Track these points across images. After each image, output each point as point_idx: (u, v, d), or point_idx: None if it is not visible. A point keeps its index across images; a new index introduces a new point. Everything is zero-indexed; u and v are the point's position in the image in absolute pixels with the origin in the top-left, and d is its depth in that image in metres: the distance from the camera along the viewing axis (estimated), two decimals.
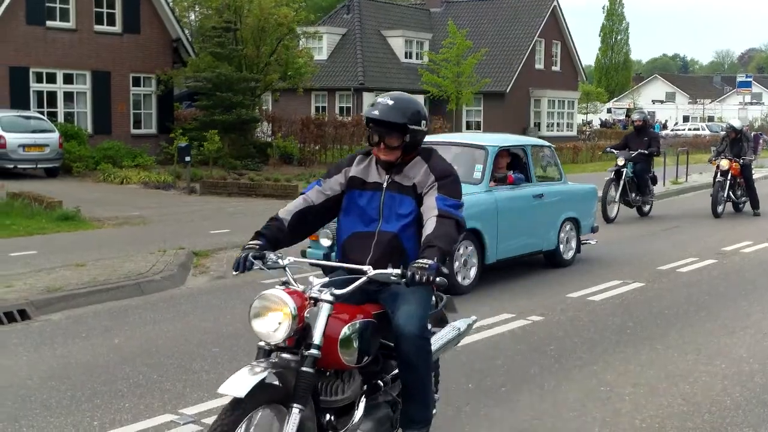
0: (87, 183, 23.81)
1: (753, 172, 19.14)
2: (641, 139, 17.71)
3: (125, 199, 19.91)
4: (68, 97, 29.68)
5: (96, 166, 25.73)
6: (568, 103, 52.84)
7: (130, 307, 9.44)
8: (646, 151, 17.45)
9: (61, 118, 28.72)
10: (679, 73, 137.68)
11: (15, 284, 9.89)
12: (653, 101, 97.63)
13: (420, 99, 44.87)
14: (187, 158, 22.32)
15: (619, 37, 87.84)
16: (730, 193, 18.41)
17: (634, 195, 17.51)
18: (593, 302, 9.73)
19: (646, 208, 18.13)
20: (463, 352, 7.56)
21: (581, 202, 12.58)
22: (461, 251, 10.01)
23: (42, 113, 27.42)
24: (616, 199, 17.27)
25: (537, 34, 49.27)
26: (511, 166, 11.55)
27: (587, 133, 60.15)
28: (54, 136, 24.79)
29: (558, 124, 51.65)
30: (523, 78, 48.12)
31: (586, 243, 12.61)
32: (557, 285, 10.72)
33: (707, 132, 65.00)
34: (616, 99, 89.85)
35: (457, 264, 9.95)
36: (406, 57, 48.12)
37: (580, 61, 54.94)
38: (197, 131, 28.12)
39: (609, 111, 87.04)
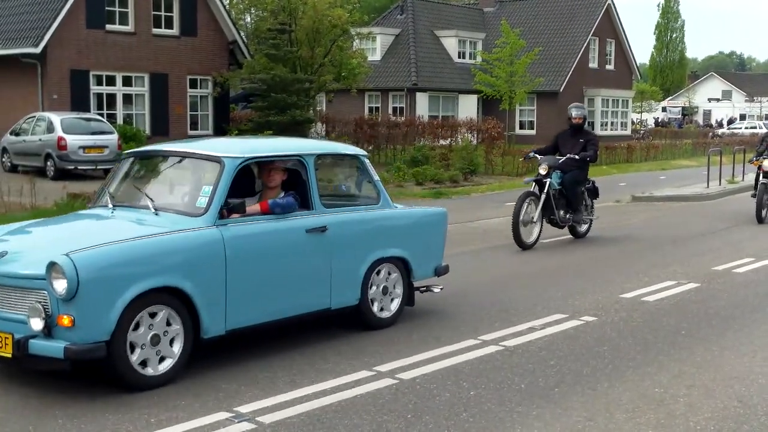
0: None
1: None
2: (576, 140, 14.05)
3: None
4: (127, 99, 30.16)
5: None
6: (622, 102, 52.31)
7: None
8: (577, 156, 13.77)
9: (120, 120, 29.19)
10: (735, 70, 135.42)
11: None
12: (709, 99, 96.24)
13: (473, 99, 44.78)
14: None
15: (674, 35, 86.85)
16: None
17: (562, 212, 13.84)
18: (647, 303, 9.61)
19: (582, 228, 14.53)
20: (516, 352, 7.53)
21: (417, 235, 8.86)
22: (155, 324, 6.54)
23: (102, 115, 27.89)
24: (535, 218, 13.45)
25: (591, 33, 48.87)
26: (290, 184, 7.98)
27: (641, 132, 59.49)
28: (113, 138, 25.14)
29: (612, 124, 51.16)
30: (577, 77, 47.75)
31: (426, 291, 9.17)
32: (611, 285, 10.61)
33: (765, 130, 63.85)
34: (671, 98, 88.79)
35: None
36: (459, 57, 48.01)
37: (634, 60, 54.36)
38: (252, 132, 28.35)
39: (664, 110, 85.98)
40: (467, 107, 45.27)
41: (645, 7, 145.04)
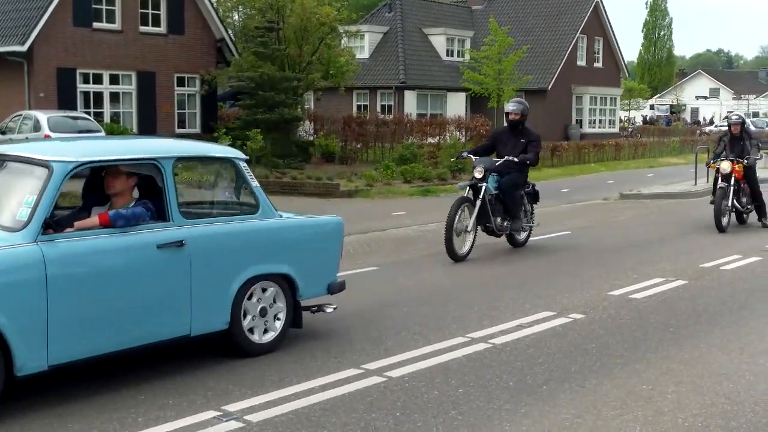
0: None
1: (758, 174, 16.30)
2: (516, 140, 12.76)
3: None
4: (114, 97, 30.08)
5: None
6: (611, 100, 52.41)
7: None
8: (516, 159, 12.44)
9: (107, 119, 29.11)
10: (723, 68, 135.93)
11: None
12: (697, 97, 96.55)
13: (461, 97, 44.81)
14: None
15: (662, 33, 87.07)
16: (735, 201, 15.27)
17: (499, 220, 12.56)
18: (635, 300, 9.64)
19: (521, 236, 13.31)
20: (504, 350, 7.54)
21: (305, 248, 7.80)
22: None
23: (88, 113, 27.80)
24: (470, 227, 12.17)
25: (579, 31, 48.96)
26: (146, 192, 7.02)
27: (630, 129, 59.64)
28: (100, 136, 25.04)
29: (600, 121, 51.25)
30: (565, 75, 47.82)
31: (318, 311, 8.10)
32: (599, 282, 10.63)
33: (752, 128, 64.01)
34: (659, 95, 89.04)
35: None
36: (447, 55, 48.02)
37: (622, 57, 54.48)
38: (240, 130, 28.33)
39: (652, 108, 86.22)
40: (455, 105, 45.28)
41: (633, 5, 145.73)
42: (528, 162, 12.60)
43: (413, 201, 21.37)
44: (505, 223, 12.63)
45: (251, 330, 7.35)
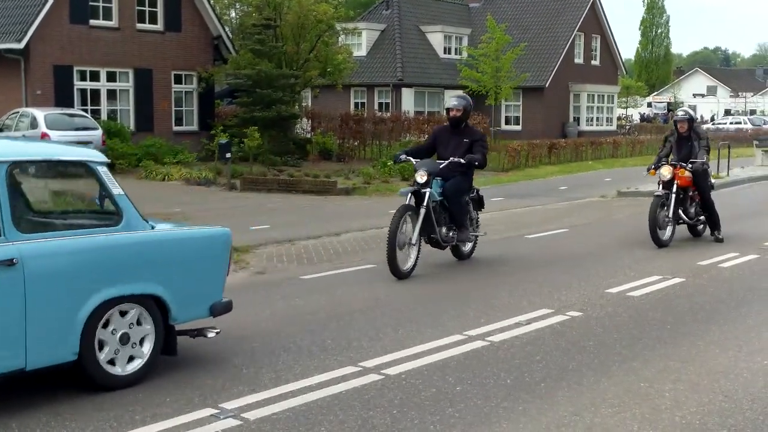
0: (130, 180, 24.00)
1: (712, 180, 14.25)
2: (459, 140, 11.44)
3: (167, 196, 20.07)
4: (111, 94, 30.00)
5: (138, 163, 26.00)
6: (608, 98, 52.41)
7: None
8: (462, 160, 11.19)
9: (104, 116, 29.05)
10: (720, 66, 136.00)
11: None
12: (694, 95, 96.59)
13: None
14: (228, 155, 22.50)
15: (659, 31, 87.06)
16: (680, 211, 13.35)
17: (444, 230, 11.24)
18: (633, 297, 9.64)
19: (467, 247, 12.06)
20: (501, 347, 7.54)
21: (180, 265, 6.83)
22: None
23: (86, 111, 27.75)
24: (413, 239, 10.72)
25: (576, 28, 48.94)
26: None
27: (627, 127, 59.66)
28: (97, 134, 25.05)
29: (598, 119, 51.25)
30: (563, 72, 47.80)
31: (198, 335, 7.07)
32: (596, 280, 10.63)
33: (749, 126, 64.12)
34: (656, 93, 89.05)
35: None
36: (445, 52, 48.02)
37: (619, 55, 54.47)
38: (238, 128, 28.31)
39: (649, 105, 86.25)
40: None
41: (630, 3, 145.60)
42: (476, 163, 11.24)
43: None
44: (451, 233, 11.31)
45: (112, 361, 6.38)
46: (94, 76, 29.38)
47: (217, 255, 7.11)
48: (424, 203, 10.75)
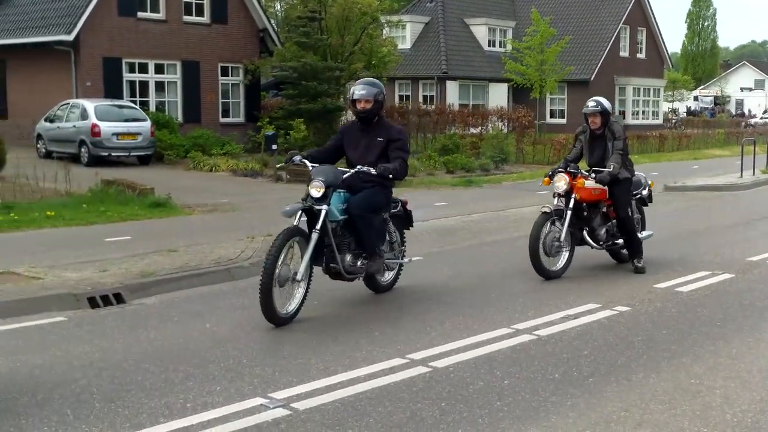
0: (177, 170, 24.25)
1: (636, 192, 11.29)
2: (371, 139, 8.86)
3: (214, 187, 20.21)
4: (159, 86, 30.27)
5: (186, 154, 26.20)
6: (654, 91, 51.85)
7: (220, 293, 9.59)
8: (373, 171, 8.49)
9: (152, 107, 29.32)
10: None
11: (110, 268, 10.13)
12: (741, 89, 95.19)
13: (503, 87, 44.51)
14: (274, 146, 22.47)
15: (706, 24, 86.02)
16: (584, 233, 10.57)
17: (350, 258, 8.66)
18: (681, 293, 9.52)
19: (386, 277, 9.51)
20: (549, 341, 7.49)
21: None
22: None
23: (135, 102, 28.03)
24: (300, 275, 8.11)
25: (622, 21, 48.47)
26: None
27: (673, 121, 58.98)
28: (146, 125, 25.30)
29: (643, 113, 50.73)
30: (608, 65, 47.38)
31: None
32: (644, 275, 10.51)
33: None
34: (703, 87, 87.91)
35: None
36: (489, 45, 47.78)
37: (665, 48, 53.86)
38: (283, 120, 28.42)
39: (696, 99, 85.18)
40: (497, 96, 45.06)
41: None
42: (391, 175, 8.55)
43: (456, 191, 21.29)
44: (359, 263, 8.70)
45: None
46: (143, 68, 29.65)
47: None
48: (318, 224, 8.13)
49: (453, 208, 17.47)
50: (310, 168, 8.60)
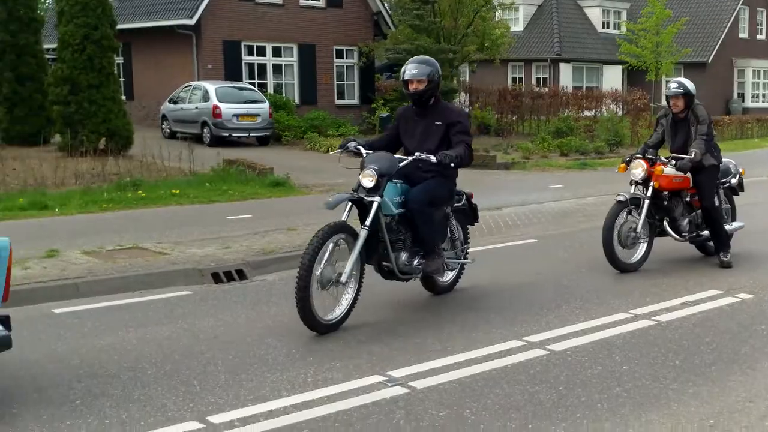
0: (295, 151, 24.56)
1: (724, 181, 10.38)
2: (429, 124, 7.86)
3: (330, 167, 20.35)
4: (277, 69, 30.67)
5: (303, 135, 26.50)
6: None
7: None
8: (434, 158, 7.49)
9: (270, 89, 29.75)
10: None
11: (233, 245, 10.34)
12: None
13: (618, 70, 43.54)
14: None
15: None
16: (665, 223, 9.75)
17: (405, 256, 7.64)
18: None
19: (446, 278, 8.50)
20: (669, 327, 7.29)
21: None
22: None
23: (253, 84, 28.48)
24: (345, 276, 7.12)
25: (741, 2, 46.70)
26: None
27: None
28: (265, 107, 25.70)
29: (764, 95, 48.84)
30: (726, 47, 45.77)
31: None
32: (765, 264, 10.13)
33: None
34: None
35: None
36: (603, 27, 46.72)
37: None
38: (397, 102, 28.41)
39: None
40: (612, 78, 44.07)
41: None
42: (453, 163, 7.50)
43: (570, 174, 20.95)
44: (416, 262, 7.69)
45: None
46: (261, 51, 30.09)
47: None
48: (368, 220, 7.22)
49: (567, 190, 17.19)
50: (364, 155, 7.65)
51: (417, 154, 7.53)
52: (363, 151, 7.76)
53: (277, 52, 30.52)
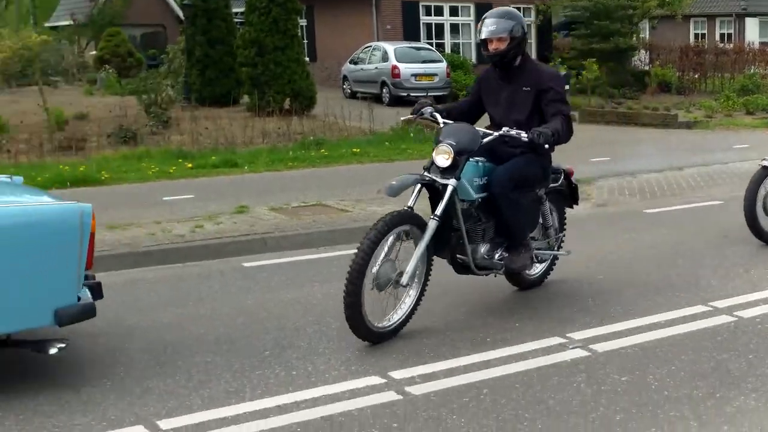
0: None
1: None
2: (516, 89, 6.46)
3: None
4: (454, 28, 30.48)
5: None
6: None
7: None
8: (524, 135, 6.07)
9: (447, 49, 29.61)
10: None
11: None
12: None
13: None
14: (566, 87, 22.09)
15: None
16: None
17: (483, 249, 6.33)
18: None
19: (535, 271, 7.09)
20: None
21: None
22: None
23: (431, 44, 28.42)
24: (405, 278, 5.79)
25: None
26: None
27: None
28: (442, 66, 25.64)
29: None
30: None
31: (39, 351, 5.17)
32: None
33: None
34: None
35: None
36: None
37: None
38: (575, 60, 27.74)
39: None
40: None
41: None
42: (548, 143, 6.04)
43: (756, 134, 19.81)
44: (497, 255, 6.41)
45: None
46: (438, 11, 29.96)
47: (61, 243, 5.01)
48: (440, 208, 5.89)
49: (753, 150, 16.22)
50: (441, 125, 6.33)
51: (504, 129, 6.13)
52: (440, 119, 6.41)
53: (454, 11, 30.31)
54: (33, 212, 5.09)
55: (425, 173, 5.95)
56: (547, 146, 6.06)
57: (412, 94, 25.14)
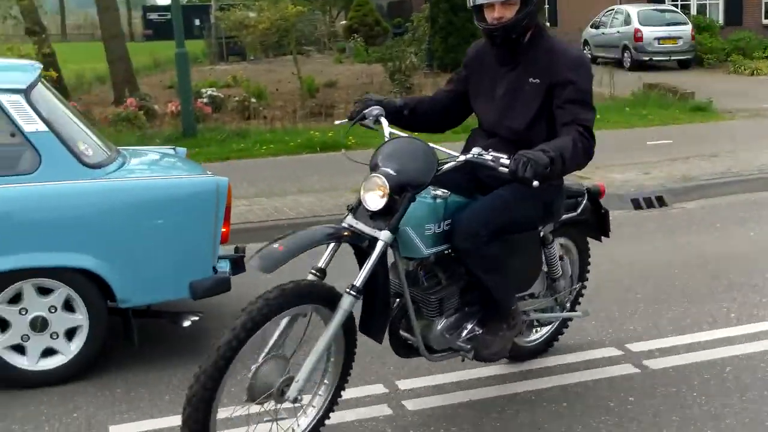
0: (717, 74, 23.06)
1: None
2: (521, 79, 3.93)
3: (755, 91, 18.85)
4: None
5: (726, 58, 24.74)
6: None
7: (762, 201, 8.94)
8: (504, 162, 3.51)
9: (693, 11, 28.10)
10: None
11: (652, 171, 9.98)
12: None
13: None
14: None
15: None
16: None
17: (441, 325, 3.92)
18: None
19: (530, 338, 4.82)
20: None
21: (130, 230, 4.70)
22: None
23: (676, 6, 27.11)
24: (297, 389, 3.39)
25: None
26: None
27: None
28: (687, 29, 24.43)
29: None
30: None
31: (175, 322, 5.03)
32: None
33: None
34: None
35: None
36: None
37: None
38: None
39: None
40: None
41: None
42: (539, 176, 3.39)
43: None
44: (465, 331, 4.08)
45: (19, 348, 4.66)
46: None
47: (197, 216, 4.85)
48: (361, 276, 3.52)
49: None
50: (387, 136, 3.90)
51: (474, 151, 3.68)
52: (385, 127, 3.97)
53: None
54: (170, 185, 5.02)
55: (349, 218, 3.64)
56: (536, 183, 3.41)
57: (654, 59, 24.19)
